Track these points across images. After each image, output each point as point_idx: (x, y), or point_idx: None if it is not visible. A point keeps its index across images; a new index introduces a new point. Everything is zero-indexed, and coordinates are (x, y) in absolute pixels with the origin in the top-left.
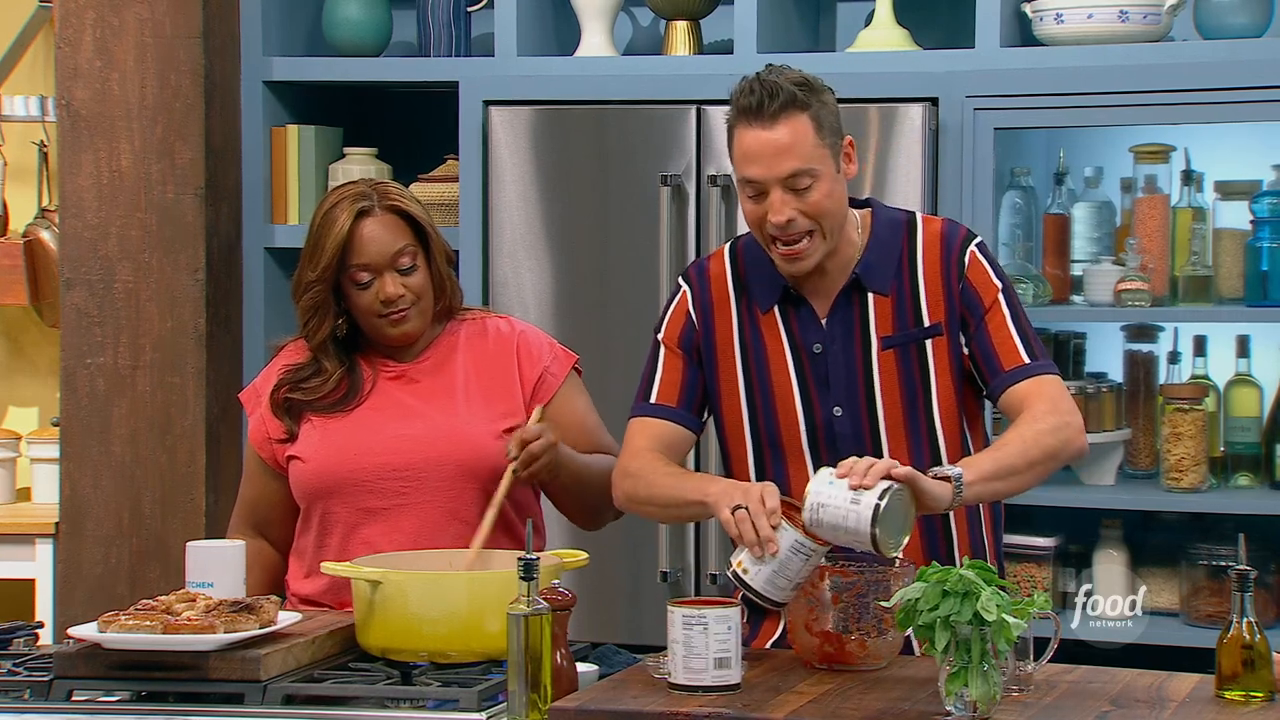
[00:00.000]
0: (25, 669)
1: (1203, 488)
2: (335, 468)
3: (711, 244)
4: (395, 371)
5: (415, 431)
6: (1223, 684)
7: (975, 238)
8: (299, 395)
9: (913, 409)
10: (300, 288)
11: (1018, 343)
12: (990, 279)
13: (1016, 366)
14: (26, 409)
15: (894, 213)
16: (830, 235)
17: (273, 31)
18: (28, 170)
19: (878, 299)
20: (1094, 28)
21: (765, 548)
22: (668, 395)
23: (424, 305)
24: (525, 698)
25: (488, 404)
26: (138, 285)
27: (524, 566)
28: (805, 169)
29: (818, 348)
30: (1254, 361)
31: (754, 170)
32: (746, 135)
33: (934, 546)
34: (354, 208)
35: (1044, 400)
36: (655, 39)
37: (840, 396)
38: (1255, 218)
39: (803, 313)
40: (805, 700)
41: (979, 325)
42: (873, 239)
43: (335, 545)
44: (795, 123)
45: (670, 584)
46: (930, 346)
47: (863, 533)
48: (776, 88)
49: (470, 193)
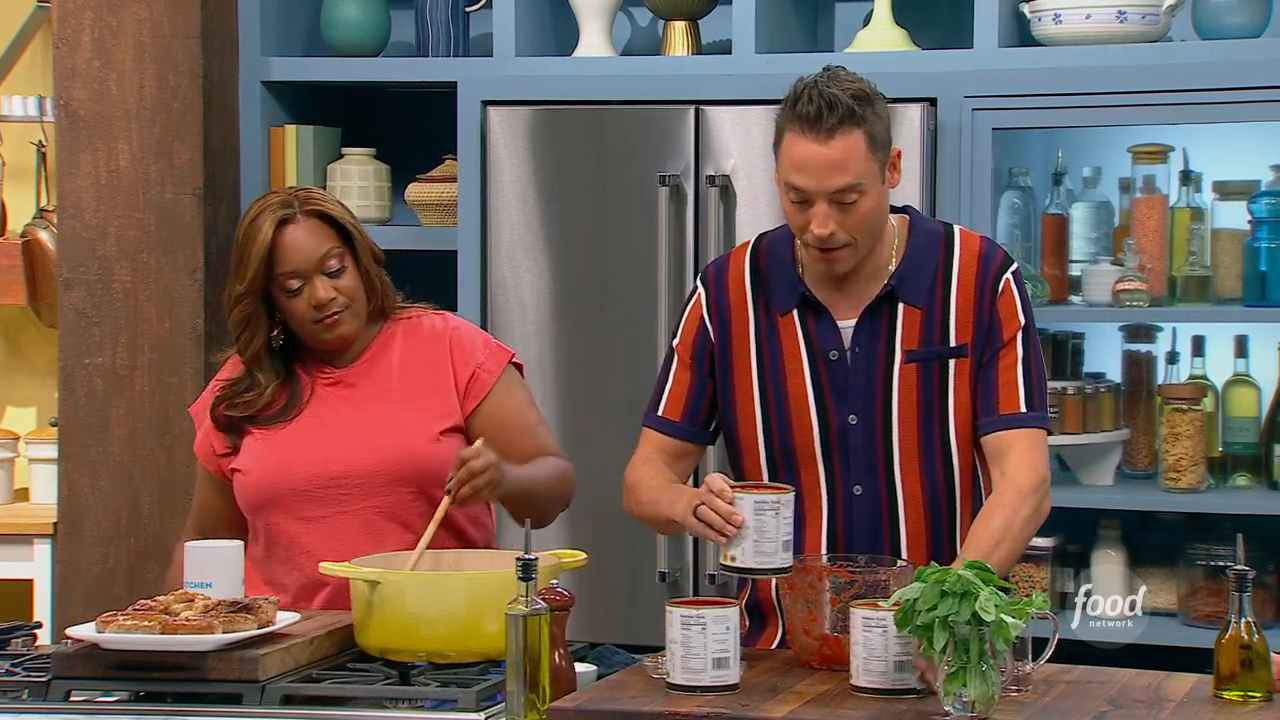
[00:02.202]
0: (23, 669)
1: (1201, 488)
2: (275, 479)
3: (710, 244)
4: (333, 378)
5: (351, 437)
6: (1221, 684)
7: (1012, 264)
8: (237, 411)
9: (928, 425)
10: (230, 302)
11: (1021, 388)
12: (1016, 312)
13: (1012, 413)
14: (25, 409)
15: (931, 224)
16: (865, 244)
17: (271, 31)
18: (26, 170)
19: (908, 310)
20: (1092, 28)
21: (732, 521)
22: (673, 409)
23: (357, 307)
24: (523, 698)
25: (423, 405)
26: (136, 285)
27: (522, 567)
28: (854, 184)
29: (834, 354)
30: (1252, 361)
31: (802, 180)
32: (798, 144)
33: (938, 546)
34: (275, 216)
35: (1024, 464)
36: (654, 39)
37: (856, 404)
38: (1253, 218)
39: (821, 318)
40: (803, 700)
41: (991, 357)
42: (910, 249)
43: (281, 555)
44: (849, 139)
45: (669, 584)
46: (953, 366)
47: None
48: (835, 101)
49: (468, 193)
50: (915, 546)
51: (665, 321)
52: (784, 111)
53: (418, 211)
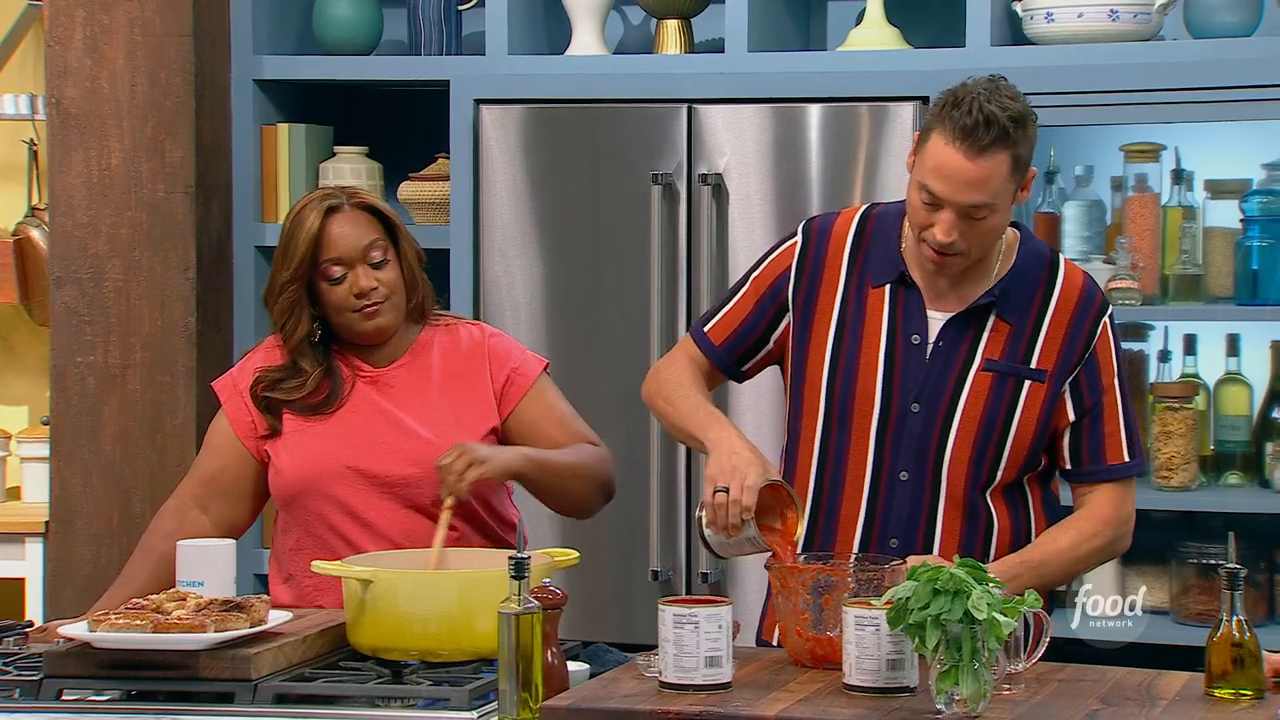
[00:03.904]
0: (15, 668)
1: (1193, 486)
2: (317, 471)
3: (702, 243)
4: (370, 376)
5: (392, 438)
6: (1212, 682)
7: (1110, 307)
8: (278, 394)
9: (987, 434)
10: (275, 290)
11: (1123, 437)
12: (1113, 358)
13: (1118, 464)
14: (16, 408)
15: (1040, 245)
16: (977, 255)
17: (263, 30)
18: (17, 168)
19: (998, 321)
20: (1084, 27)
21: (729, 534)
22: (720, 332)
23: (396, 300)
24: (516, 696)
25: (461, 410)
26: (128, 284)
27: (515, 565)
28: (989, 203)
29: (915, 338)
30: (1244, 360)
31: (939, 186)
32: (945, 151)
33: (969, 551)
34: (323, 206)
35: (1103, 505)
36: (646, 38)
37: (923, 393)
38: (1245, 216)
39: (912, 299)
40: (796, 699)
41: (1095, 405)
42: (1016, 265)
43: (316, 545)
44: (996, 159)
45: (661, 583)
46: (1027, 386)
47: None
48: (994, 120)
49: (461, 191)
50: (949, 545)
51: (658, 319)
52: (938, 112)
53: (410, 210)
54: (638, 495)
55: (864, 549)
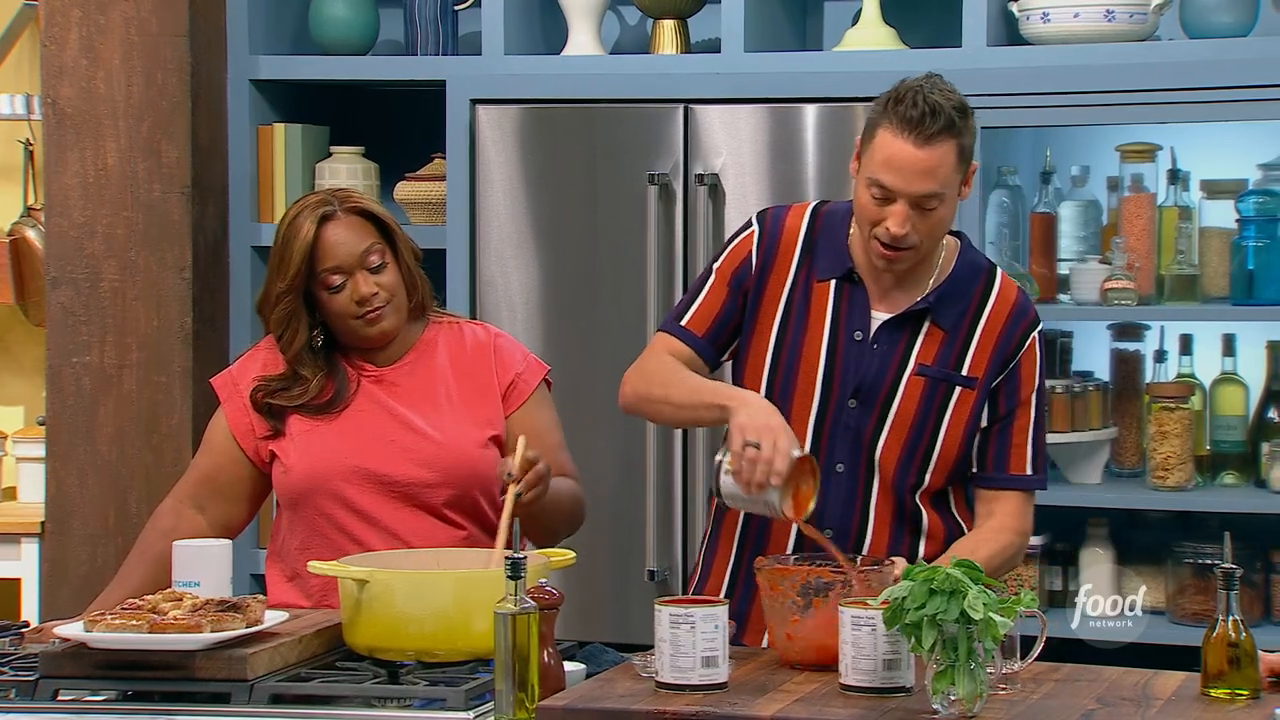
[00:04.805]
0: (11, 668)
1: (1188, 486)
2: (326, 471)
3: (699, 243)
4: (375, 375)
5: (401, 438)
6: (1208, 682)
7: (1040, 323)
8: (280, 400)
9: (918, 435)
10: (270, 301)
11: (1029, 451)
12: (1035, 373)
13: (1018, 474)
14: (12, 408)
15: (978, 256)
16: (926, 250)
17: (259, 30)
18: (13, 168)
19: (932, 328)
20: (1080, 27)
21: (749, 490)
22: (699, 323)
23: (398, 302)
24: (512, 696)
25: (469, 411)
26: (124, 284)
27: (511, 565)
28: (939, 192)
29: (858, 334)
30: (1240, 360)
31: (890, 179)
32: (893, 144)
33: (897, 542)
34: (316, 214)
35: (1016, 514)
36: (643, 38)
37: (861, 390)
38: (1241, 216)
39: (857, 295)
40: (792, 699)
41: (1008, 414)
42: (953, 274)
43: (324, 545)
44: (944, 148)
45: (657, 583)
46: (958, 393)
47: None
48: (939, 109)
49: (457, 192)
50: (880, 538)
51: (654, 319)
52: (881, 109)
53: (406, 210)
54: (634, 495)
55: (800, 538)
